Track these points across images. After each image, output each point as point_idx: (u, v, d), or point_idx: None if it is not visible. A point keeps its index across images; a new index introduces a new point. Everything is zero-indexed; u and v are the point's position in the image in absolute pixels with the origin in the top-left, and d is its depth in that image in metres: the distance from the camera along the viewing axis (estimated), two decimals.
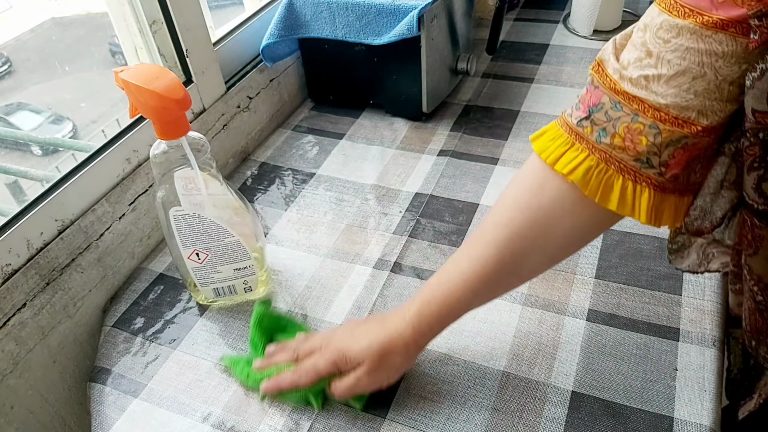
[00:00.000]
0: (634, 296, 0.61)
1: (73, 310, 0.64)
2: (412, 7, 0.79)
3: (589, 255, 0.66)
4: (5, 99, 2.42)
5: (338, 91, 0.96)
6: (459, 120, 0.91)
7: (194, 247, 0.58)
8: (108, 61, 1.63)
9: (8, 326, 0.57)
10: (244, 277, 0.62)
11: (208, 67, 0.79)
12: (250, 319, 0.59)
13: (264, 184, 0.82)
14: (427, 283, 0.51)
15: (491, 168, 0.81)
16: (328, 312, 0.63)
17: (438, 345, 0.59)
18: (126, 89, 0.50)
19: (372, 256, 0.69)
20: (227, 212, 0.58)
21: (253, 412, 0.55)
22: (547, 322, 0.60)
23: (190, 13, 0.74)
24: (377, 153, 0.86)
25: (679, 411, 0.51)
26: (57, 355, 0.63)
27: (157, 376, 0.59)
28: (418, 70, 0.85)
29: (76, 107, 2.48)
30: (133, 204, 0.70)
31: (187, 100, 0.50)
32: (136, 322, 0.65)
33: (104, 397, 0.58)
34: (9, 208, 0.62)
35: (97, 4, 0.69)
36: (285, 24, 0.87)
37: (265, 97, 0.91)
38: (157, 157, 0.54)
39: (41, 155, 2.08)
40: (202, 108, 0.79)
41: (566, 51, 1.05)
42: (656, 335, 0.58)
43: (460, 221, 0.73)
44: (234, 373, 0.57)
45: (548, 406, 0.53)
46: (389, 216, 0.75)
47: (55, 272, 0.61)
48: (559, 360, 0.56)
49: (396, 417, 0.53)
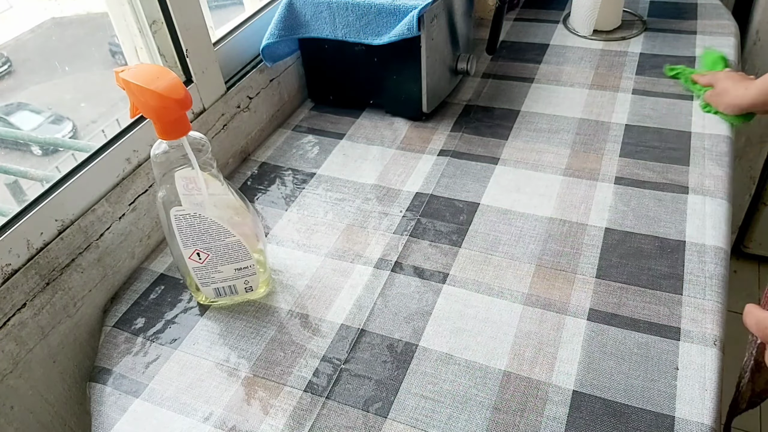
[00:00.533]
0: (635, 296, 0.61)
1: (74, 310, 0.64)
2: (412, 7, 0.79)
3: (590, 254, 0.66)
4: (5, 99, 2.42)
5: (338, 91, 0.96)
6: (459, 120, 0.91)
7: (195, 247, 0.58)
8: (108, 61, 1.63)
9: (8, 326, 0.57)
10: (245, 277, 0.62)
11: (208, 67, 0.79)
12: (251, 319, 0.59)
13: (264, 184, 0.82)
14: None
15: (491, 168, 0.81)
16: (329, 312, 0.63)
17: (439, 344, 0.59)
18: (126, 89, 0.50)
19: (372, 255, 0.69)
20: (228, 212, 0.58)
21: (254, 411, 0.55)
22: (548, 322, 0.60)
23: (190, 13, 0.74)
24: (377, 153, 0.86)
25: (680, 410, 0.51)
26: (57, 355, 0.63)
27: (158, 376, 0.59)
28: (418, 70, 0.85)
29: (77, 107, 2.48)
30: (133, 204, 0.70)
31: (187, 100, 0.50)
32: (137, 322, 0.65)
33: (105, 398, 0.58)
34: (9, 208, 0.62)
35: (98, 4, 0.69)
36: (285, 24, 0.87)
37: (265, 97, 0.91)
38: (157, 157, 0.54)
39: (41, 155, 2.08)
40: (203, 108, 0.79)
41: (566, 51, 1.05)
42: (657, 334, 0.58)
43: (461, 221, 0.73)
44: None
45: (549, 405, 0.53)
46: (390, 216, 0.75)
47: (55, 272, 0.61)
48: (560, 359, 0.56)
49: (397, 416, 0.53)
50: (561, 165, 0.79)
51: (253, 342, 0.61)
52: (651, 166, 0.78)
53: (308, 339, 0.61)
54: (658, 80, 0.94)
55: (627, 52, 1.02)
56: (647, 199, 0.73)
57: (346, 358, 0.59)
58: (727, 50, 0.99)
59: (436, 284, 0.65)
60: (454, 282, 0.65)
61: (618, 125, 0.85)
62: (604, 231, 0.69)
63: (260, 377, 0.58)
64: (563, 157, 0.81)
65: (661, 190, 0.74)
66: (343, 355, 0.59)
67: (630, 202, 0.73)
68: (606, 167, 0.78)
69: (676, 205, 0.71)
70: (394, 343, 0.59)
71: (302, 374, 0.58)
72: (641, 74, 0.96)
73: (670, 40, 1.04)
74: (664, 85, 0.93)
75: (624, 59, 1.00)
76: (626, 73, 0.97)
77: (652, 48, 1.03)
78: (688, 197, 0.72)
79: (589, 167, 0.79)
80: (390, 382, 0.56)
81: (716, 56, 0.94)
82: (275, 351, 0.60)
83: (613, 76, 0.96)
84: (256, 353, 0.60)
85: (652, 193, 0.73)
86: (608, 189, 0.75)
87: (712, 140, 0.81)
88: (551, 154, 0.82)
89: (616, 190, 0.75)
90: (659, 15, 1.12)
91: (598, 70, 0.99)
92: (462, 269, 0.66)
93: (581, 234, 0.69)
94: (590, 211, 0.72)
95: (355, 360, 0.58)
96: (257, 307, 0.65)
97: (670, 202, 0.72)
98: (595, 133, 0.85)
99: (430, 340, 0.59)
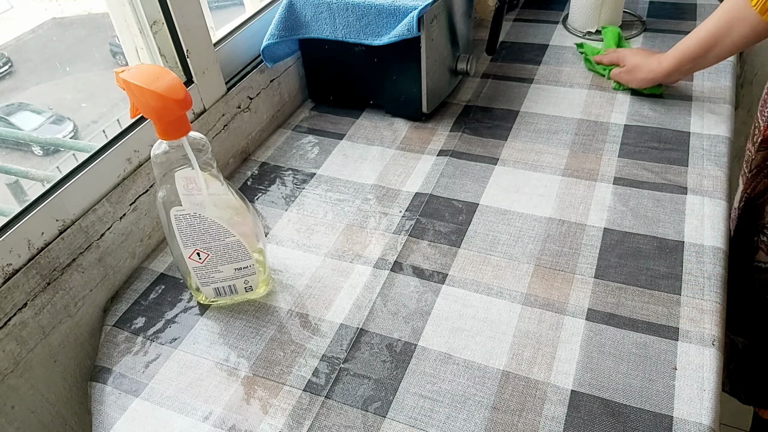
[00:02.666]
0: (634, 296, 0.62)
1: (74, 310, 0.64)
2: (412, 7, 0.79)
3: (589, 255, 0.67)
4: (6, 99, 2.42)
5: (338, 91, 0.96)
6: (459, 120, 0.91)
7: (195, 247, 0.58)
8: (109, 61, 1.63)
9: (9, 326, 0.57)
10: (245, 277, 0.62)
11: (209, 68, 0.79)
12: (251, 318, 0.59)
13: (264, 184, 0.83)
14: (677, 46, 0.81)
15: (491, 168, 0.81)
16: (329, 311, 0.63)
17: (438, 344, 0.59)
18: (127, 89, 0.51)
19: (372, 255, 0.69)
20: (228, 212, 0.59)
21: (254, 411, 0.55)
22: (546, 322, 0.60)
23: (190, 13, 0.74)
24: (377, 153, 0.86)
25: (678, 410, 0.52)
26: (58, 354, 0.63)
27: (158, 375, 0.59)
28: (418, 71, 0.85)
29: (77, 107, 2.48)
30: (133, 204, 0.70)
31: (187, 101, 0.50)
32: (137, 321, 0.65)
33: (105, 397, 0.58)
34: (10, 208, 0.62)
35: (98, 5, 0.69)
36: (285, 24, 0.87)
37: (266, 98, 0.91)
38: (158, 157, 0.54)
39: (42, 155, 2.08)
40: (203, 108, 0.79)
41: (566, 51, 1.05)
42: (655, 334, 0.58)
43: (460, 221, 0.73)
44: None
45: (548, 405, 0.53)
46: (389, 216, 0.75)
47: (56, 272, 0.61)
48: (558, 359, 0.57)
49: (396, 416, 0.53)
50: (560, 165, 0.80)
51: (252, 341, 0.61)
52: (650, 166, 0.78)
53: (308, 338, 0.61)
54: None
55: None
56: (646, 200, 0.73)
57: (345, 357, 0.59)
58: None
59: (435, 284, 0.65)
60: (453, 282, 0.65)
61: (617, 126, 0.86)
62: (603, 231, 0.69)
63: (260, 377, 0.58)
64: (562, 158, 0.81)
65: (660, 191, 0.74)
66: (342, 354, 0.59)
67: (629, 202, 0.73)
68: (605, 167, 0.78)
69: (675, 206, 0.71)
70: (393, 343, 0.60)
71: (302, 374, 0.58)
72: None
73: (669, 40, 1.04)
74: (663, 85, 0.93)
75: None
76: None
77: (652, 48, 1.03)
78: (687, 197, 0.72)
79: (588, 167, 0.79)
80: (389, 381, 0.56)
81: (616, 31, 1.01)
82: (275, 350, 0.60)
83: None
84: (256, 353, 0.60)
85: (650, 194, 0.73)
86: (607, 189, 0.75)
87: (711, 140, 0.81)
88: (550, 154, 0.82)
89: (614, 190, 0.75)
90: (659, 15, 1.12)
91: None
92: (461, 269, 0.67)
93: (580, 234, 0.69)
94: (589, 212, 0.72)
95: (354, 359, 0.59)
96: (257, 307, 0.65)
97: (668, 202, 0.72)
98: (594, 133, 0.85)
99: (429, 340, 0.60)
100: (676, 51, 0.83)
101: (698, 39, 0.79)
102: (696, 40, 0.80)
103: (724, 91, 0.90)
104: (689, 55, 0.81)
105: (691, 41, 0.80)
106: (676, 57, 0.83)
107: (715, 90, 0.90)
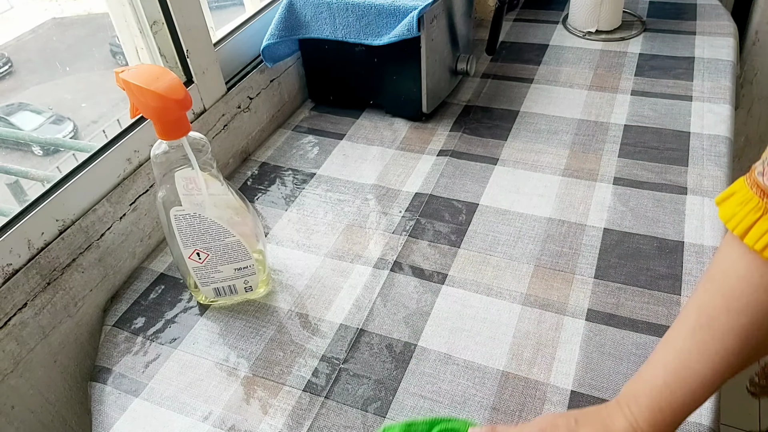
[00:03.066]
0: (634, 296, 0.62)
1: (74, 310, 0.64)
2: (412, 7, 0.79)
3: (588, 255, 0.67)
4: (6, 99, 2.42)
5: (338, 91, 0.96)
6: (459, 120, 0.91)
7: (195, 247, 0.58)
8: (109, 61, 1.63)
9: (9, 326, 0.57)
10: (245, 277, 0.62)
11: (209, 68, 0.79)
12: (250, 318, 0.59)
13: (264, 184, 0.83)
14: (648, 385, 0.42)
15: (491, 168, 0.81)
16: (328, 312, 0.63)
17: (438, 344, 0.59)
18: (127, 90, 0.51)
19: (372, 255, 0.69)
20: (228, 212, 0.59)
21: (253, 411, 0.55)
22: (546, 322, 0.60)
23: (190, 13, 0.74)
24: (377, 153, 0.86)
25: None
26: (58, 354, 0.63)
27: (157, 375, 0.59)
28: (418, 71, 0.85)
29: (77, 107, 2.49)
30: (133, 204, 0.70)
31: (187, 101, 0.50)
32: (137, 321, 0.65)
33: (105, 397, 0.58)
34: (10, 208, 0.62)
35: (98, 5, 0.69)
36: (285, 24, 0.87)
37: (266, 98, 0.91)
38: (158, 157, 0.54)
39: (42, 155, 2.08)
40: (203, 108, 0.79)
41: (565, 51, 1.05)
42: (655, 335, 0.58)
43: (460, 221, 0.73)
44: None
45: (547, 405, 0.53)
46: (389, 216, 0.75)
47: (56, 272, 0.62)
48: (558, 359, 0.57)
49: (396, 416, 0.53)
50: (560, 165, 0.80)
51: (252, 341, 0.61)
52: (650, 166, 0.78)
53: (307, 339, 0.61)
54: (657, 81, 0.94)
55: (626, 53, 1.02)
56: (646, 200, 0.73)
57: (345, 357, 0.59)
58: (726, 51, 0.99)
59: (435, 284, 0.65)
60: (453, 282, 0.65)
61: (617, 126, 0.86)
62: (603, 231, 0.69)
63: (259, 377, 0.58)
64: (562, 158, 0.81)
65: (660, 191, 0.74)
66: (342, 354, 0.59)
67: (629, 202, 0.73)
68: (605, 168, 0.78)
69: (675, 206, 0.71)
70: (393, 343, 0.60)
71: (301, 374, 0.58)
72: (640, 75, 0.96)
73: (669, 40, 1.04)
74: (662, 85, 0.93)
75: (623, 60, 1.01)
76: (625, 73, 0.97)
77: (651, 49, 1.03)
78: (687, 198, 0.72)
79: (587, 168, 0.79)
80: (389, 381, 0.56)
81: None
82: (274, 350, 0.60)
83: (612, 77, 0.97)
84: (256, 353, 0.60)
85: (650, 194, 0.74)
86: (607, 189, 0.75)
87: (711, 141, 0.81)
88: (550, 154, 0.82)
89: (614, 190, 0.75)
90: (658, 15, 1.12)
91: (597, 70, 0.99)
92: (461, 269, 0.67)
93: (580, 234, 0.69)
94: (589, 212, 0.72)
95: (354, 360, 0.59)
96: (257, 307, 0.65)
97: (668, 202, 0.72)
98: (594, 133, 0.85)
99: (429, 340, 0.60)
100: (651, 396, 0.42)
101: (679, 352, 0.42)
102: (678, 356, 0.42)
103: (724, 91, 0.90)
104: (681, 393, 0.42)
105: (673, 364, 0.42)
106: (652, 406, 0.42)
107: (715, 90, 0.90)
